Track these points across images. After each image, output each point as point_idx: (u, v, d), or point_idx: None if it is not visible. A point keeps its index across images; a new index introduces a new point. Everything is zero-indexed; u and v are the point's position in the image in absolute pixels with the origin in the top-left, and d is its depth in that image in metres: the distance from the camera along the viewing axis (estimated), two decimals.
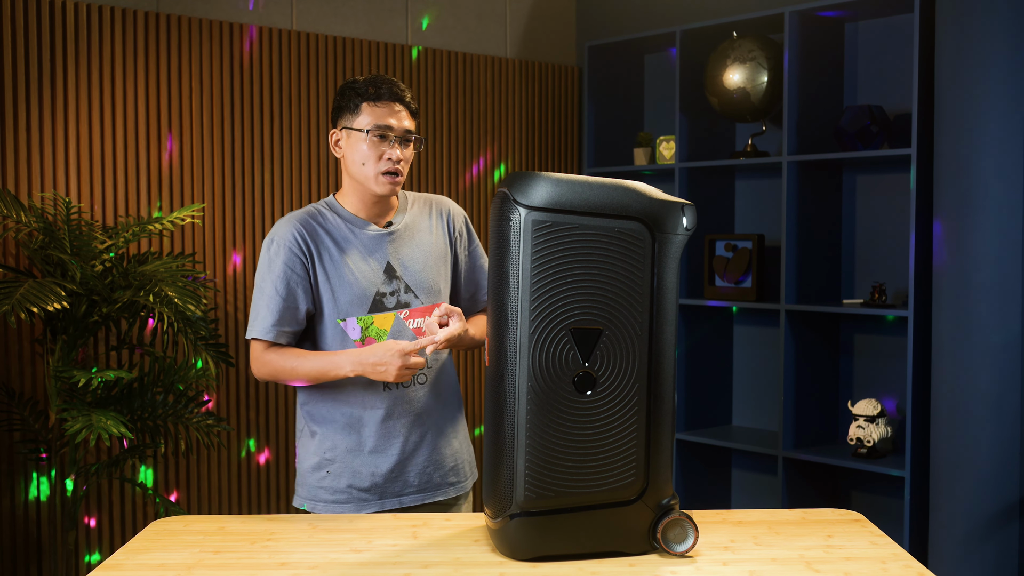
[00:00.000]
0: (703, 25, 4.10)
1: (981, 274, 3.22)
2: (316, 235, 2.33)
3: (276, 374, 2.32)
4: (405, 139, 2.33)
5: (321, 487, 2.37)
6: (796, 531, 2.05)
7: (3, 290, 3.00)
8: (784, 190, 3.79)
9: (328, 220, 2.36)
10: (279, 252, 2.31)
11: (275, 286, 2.30)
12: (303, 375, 2.29)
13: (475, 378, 4.52)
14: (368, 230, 2.36)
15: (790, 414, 3.84)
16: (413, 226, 2.42)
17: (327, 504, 2.37)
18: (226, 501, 3.86)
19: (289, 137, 3.96)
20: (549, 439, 1.82)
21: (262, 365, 2.32)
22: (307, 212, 2.37)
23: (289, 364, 2.29)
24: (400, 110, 2.32)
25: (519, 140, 4.65)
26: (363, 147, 2.30)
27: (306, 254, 2.31)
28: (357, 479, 2.35)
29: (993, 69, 3.18)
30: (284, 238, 2.32)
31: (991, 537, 3.24)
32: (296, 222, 2.34)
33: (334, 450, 2.36)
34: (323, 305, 2.32)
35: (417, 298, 2.37)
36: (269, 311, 2.30)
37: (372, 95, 2.31)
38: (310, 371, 2.28)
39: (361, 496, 2.35)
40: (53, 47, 3.46)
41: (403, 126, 2.32)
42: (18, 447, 3.38)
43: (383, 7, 4.25)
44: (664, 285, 1.84)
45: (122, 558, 1.90)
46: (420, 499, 2.39)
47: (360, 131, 2.30)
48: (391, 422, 2.35)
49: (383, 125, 2.29)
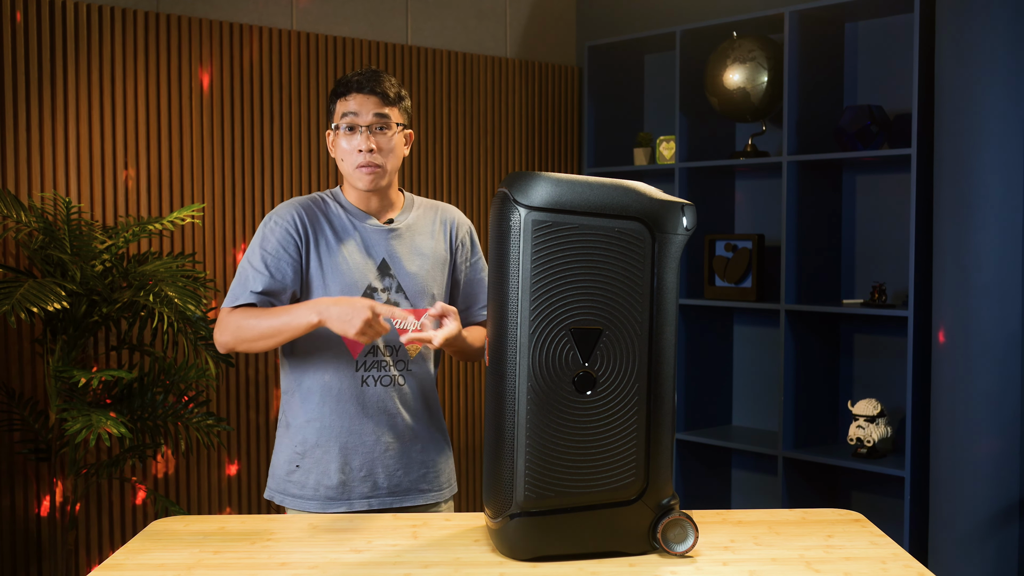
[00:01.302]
0: (703, 25, 4.10)
1: (981, 274, 3.22)
2: (316, 220, 2.31)
3: (238, 331, 2.20)
4: (377, 127, 2.27)
5: (290, 481, 2.34)
6: (796, 531, 2.05)
7: (3, 290, 3.00)
8: (784, 190, 3.79)
9: (331, 208, 2.34)
10: (275, 230, 2.28)
11: (264, 260, 2.25)
12: (264, 330, 2.18)
13: (475, 378, 4.52)
14: (369, 224, 2.34)
15: (790, 414, 3.84)
16: (415, 227, 2.39)
17: (295, 499, 2.33)
18: (226, 501, 3.86)
19: (289, 137, 3.96)
20: (549, 439, 1.82)
21: (224, 327, 2.22)
22: (310, 198, 2.35)
23: (250, 321, 2.19)
24: (369, 99, 2.27)
25: (519, 140, 4.65)
26: (340, 143, 2.30)
27: (302, 237, 2.28)
28: (325, 477, 2.32)
29: (993, 69, 3.18)
30: (283, 217, 2.29)
31: (991, 537, 3.24)
32: (298, 204, 2.32)
33: (304, 445, 2.33)
34: (312, 291, 2.29)
35: (407, 299, 2.33)
36: (256, 281, 2.24)
37: (343, 90, 2.29)
38: (271, 324, 2.17)
39: (328, 495, 2.32)
40: (53, 47, 3.46)
41: (371, 113, 2.26)
42: (18, 447, 3.38)
43: (383, 7, 4.25)
44: (664, 285, 1.84)
45: (122, 558, 1.90)
46: (388, 502, 2.34)
47: (337, 127, 2.30)
48: (363, 423, 2.32)
49: (349, 114, 2.27)
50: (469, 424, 4.49)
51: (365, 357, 2.31)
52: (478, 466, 4.48)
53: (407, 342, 2.18)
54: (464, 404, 4.48)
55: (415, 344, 2.33)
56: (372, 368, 2.32)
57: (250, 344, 2.22)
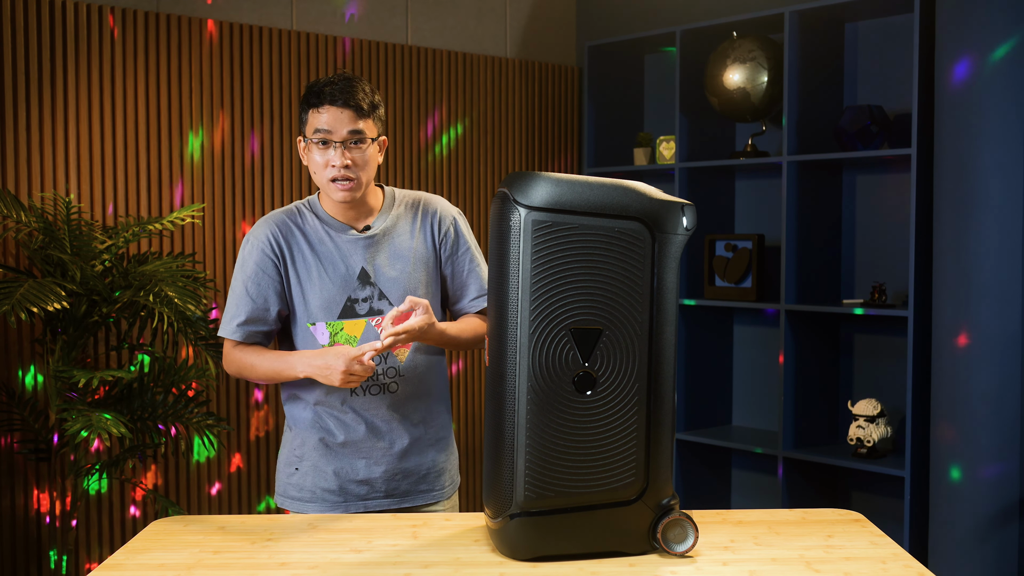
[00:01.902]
0: (703, 25, 4.10)
1: (981, 274, 3.22)
2: (291, 236, 2.30)
3: (240, 371, 2.32)
4: (352, 142, 2.22)
5: (290, 483, 2.36)
6: (796, 531, 2.05)
7: (3, 290, 3.00)
8: (784, 190, 3.79)
9: (307, 221, 2.32)
10: (252, 252, 2.29)
11: (245, 286, 2.29)
12: (261, 374, 2.28)
13: (475, 378, 4.52)
14: (346, 235, 2.31)
15: (790, 414, 3.84)
16: (392, 230, 2.34)
17: (294, 501, 2.35)
18: (226, 501, 3.86)
19: (289, 137, 3.96)
20: (549, 439, 1.82)
21: (229, 363, 2.34)
22: (286, 212, 2.34)
23: (248, 361, 2.29)
24: (343, 113, 2.20)
25: (519, 140, 4.65)
26: (314, 156, 2.25)
27: (278, 256, 2.28)
28: (323, 480, 2.32)
29: (993, 69, 3.18)
30: (258, 239, 2.30)
31: (991, 537, 3.24)
32: (272, 223, 2.31)
33: (302, 448, 2.35)
34: (295, 308, 2.30)
35: (391, 305, 2.30)
36: (239, 311, 2.29)
37: (315, 100, 2.22)
38: (267, 370, 2.27)
39: (326, 497, 2.32)
40: (53, 47, 3.46)
41: (345, 129, 2.20)
42: (18, 447, 3.38)
43: (383, 7, 4.25)
44: (664, 285, 1.84)
45: (122, 558, 1.90)
46: (387, 504, 2.34)
47: (308, 139, 2.25)
48: (357, 427, 2.31)
49: (323, 130, 2.21)
50: (469, 424, 4.49)
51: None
52: (478, 466, 4.48)
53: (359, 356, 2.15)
54: (464, 404, 4.48)
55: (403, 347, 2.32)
56: None
57: (255, 381, 2.35)
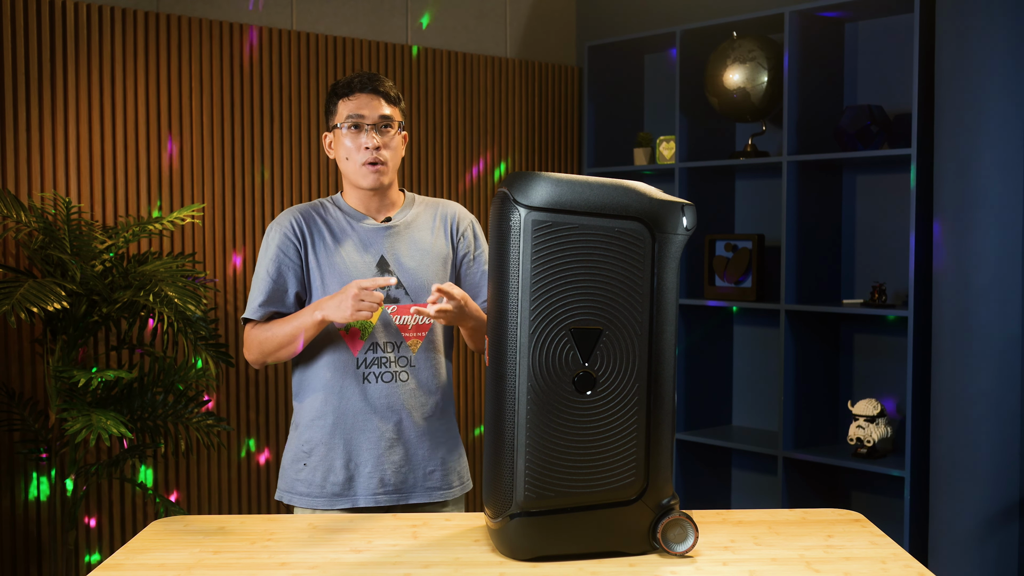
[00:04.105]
0: (703, 25, 4.10)
1: (981, 274, 3.22)
2: (313, 223, 2.39)
3: (261, 346, 2.34)
4: (382, 126, 2.35)
5: (298, 479, 2.38)
6: (796, 531, 2.05)
7: (3, 290, 3.00)
8: (784, 190, 3.79)
9: (329, 212, 2.42)
10: (275, 237, 2.38)
11: (267, 268, 2.36)
12: (281, 338, 2.30)
13: (475, 378, 4.52)
14: (366, 223, 2.40)
15: (790, 414, 3.84)
16: (413, 223, 2.43)
17: (302, 497, 2.37)
18: (226, 501, 3.86)
19: (289, 137, 3.96)
20: (549, 439, 1.82)
21: (250, 347, 2.37)
22: (310, 204, 2.44)
23: (268, 333, 2.32)
24: (374, 99, 2.35)
25: (519, 140, 4.65)
26: (345, 142, 2.37)
27: (300, 239, 2.37)
28: (332, 475, 2.35)
29: (993, 69, 3.18)
30: (281, 224, 2.39)
31: (991, 537, 3.24)
32: (296, 211, 2.41)
33: (310, 443, 2.37)
34: (313, 292, 2.37)
35: (408, 295, 2.37)
36: (259, 292, 2.36)
37: (345, 91, 2.36)
38: (285, 331, 2.30)
39: (335, 491, 2.35)
40: (53, 47, 3.46)
41: (376, 114, 2.35)
42: (18, 447, 3.38)
43: (383, 7, 4.25)
44: (664, 285, 1.84)
45: (122, 558, 1.90)
46: (396, 499, 2.36)
47: (339, 127, 2.36)
48: (367, 420, 2.35)
49: (355, 115, 2.34)
50: (470, 424, 4.49)
51: (366, 354, 2.35)
52: (478, 466, 4.48)
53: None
54: (465, 404, 4.48)
55: (416, 338, 2.37)
56: (373, 365, 2.35)
57: (275, 355, 2.34)
